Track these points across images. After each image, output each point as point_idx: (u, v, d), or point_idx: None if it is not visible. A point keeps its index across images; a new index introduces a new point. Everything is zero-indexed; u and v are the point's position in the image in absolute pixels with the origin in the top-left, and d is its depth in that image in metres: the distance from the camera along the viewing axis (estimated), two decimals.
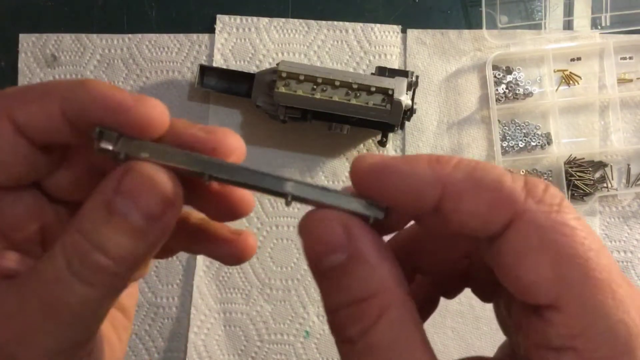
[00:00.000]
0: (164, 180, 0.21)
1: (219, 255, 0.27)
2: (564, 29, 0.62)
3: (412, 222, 0.24)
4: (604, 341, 0.18)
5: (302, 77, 0.53)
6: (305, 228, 0.22)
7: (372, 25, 0.62)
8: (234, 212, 0.25)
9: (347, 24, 0.62)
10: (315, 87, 0.54)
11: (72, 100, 0.22)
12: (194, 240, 0.27)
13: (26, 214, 0.24)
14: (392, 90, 0.53)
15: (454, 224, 0.20)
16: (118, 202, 0.21)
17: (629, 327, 0.18)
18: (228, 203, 0.25)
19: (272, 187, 0.22)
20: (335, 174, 0.61)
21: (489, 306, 0.27)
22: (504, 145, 0.61)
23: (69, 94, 0.22)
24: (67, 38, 0.62)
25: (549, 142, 0.61)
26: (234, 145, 0.23)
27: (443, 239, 0.26)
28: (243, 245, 0.26)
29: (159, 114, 0.24)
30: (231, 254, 0.26)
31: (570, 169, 0.60)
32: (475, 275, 0.27)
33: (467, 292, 0.28)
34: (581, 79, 0.61)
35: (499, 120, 0.61)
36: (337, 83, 0.53)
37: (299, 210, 0.60)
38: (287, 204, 0.22)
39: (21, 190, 0.24)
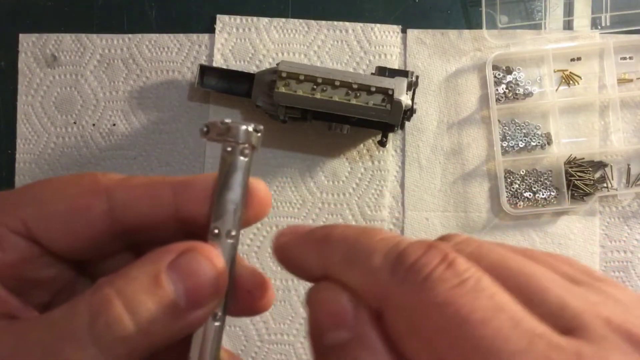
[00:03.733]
0: (221, 270, 0.21)
1: (235, 309, 0.25)
2: (564, 29, 0.62)
3: None
4: None
5: (302, 77, 0.53)
6: (313, 299, 0.21)
7: (372, 25, 0.62)
8: (257, 309, 0.25)
9: (347, 24, 0.62)
10: (315, 87, 0.54)
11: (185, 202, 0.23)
12: None
13: (54, 276, 0.24)
14: (392, 90, 0.53)
15: None
16: (169, 276, 0.20)
17: None
18: (254, 300, 0.25)
19: None
20: (335, 174, 0.61)
21: None
22: (504, 145, 0.61)
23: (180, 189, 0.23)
24: (67, 38, 0.62)
25: (549, 142, 0.61)
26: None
27: None
28: (262, 297, 0.25)
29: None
30: (247, 305, 0.25)
31: (570, 169, 0.60)
32: None
33: None
34: (581, 79, 0.61)
35: (499, 120, 0.61)
36: (337, 83, 0.53)
37: (299, 209, 0.60)
38: None
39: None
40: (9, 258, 0.22)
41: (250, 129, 0.23)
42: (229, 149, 0.22)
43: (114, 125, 0.62)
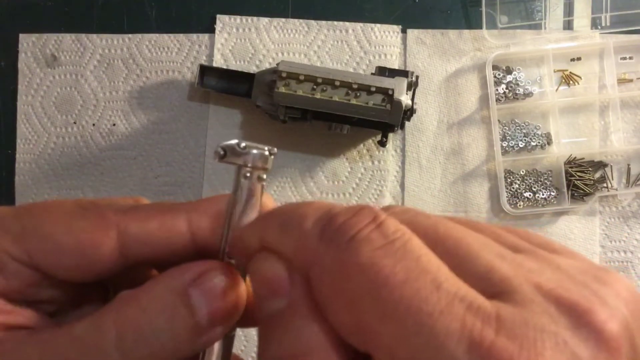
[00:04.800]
0: (241, 291, 0.22)
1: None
2: (564, 29, 0.62)
3: None
4: None
5: (302, 77, 0.53)
6: (251, 269, 0.21)
7: (372, 25, 0.62)
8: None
9: (347, 24, 0.62)
10: (315, 87, 0.54)
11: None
12: None
13: (59, 295, 0.24)
14: (392, 90, 0.53)
15: None
16: (193, 295, 0.20)
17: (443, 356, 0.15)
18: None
19: None
20: (335, 174, 0.61)
21: None
22: (504, 145, 0.61)
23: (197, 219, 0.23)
24: (67, 38, 0.62)
25: (549, 142, 0.61)
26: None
27: None
28: None
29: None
30: (251, 318, 0.24)
31: (570, 169, 0.60)
32: None
33: None
34: (581, 79, 0.61)
35: (499, 120, 0.61)
36: (337, 83, 0.53)
37: None
38: None
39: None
40: (12, 284, 0.22)
41: (267, 153, 0.23)
42: (248, 174, 0.22)
43: (114, 125, 0.62)
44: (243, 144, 0.22)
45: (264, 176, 0.23)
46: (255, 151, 0.22)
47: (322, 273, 0.18)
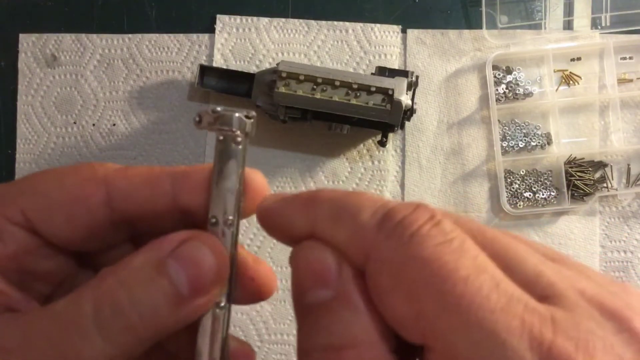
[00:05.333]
0: (222, 257, 0.22)
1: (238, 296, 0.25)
2: (564, 29, 0.62)
3: None
4: None
5: (302, 77, 0.53)
6: (297, 257, 0.21)
7: (372, 25, 0.62)
8: (261, 295, 0.25)
9: (347, 24, 0.62)
10: (315, 87, 0.54)
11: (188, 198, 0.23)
12: None
13: (55, 268, 0.24)
14: (392, 90, 0.53)
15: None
16: (170, 265, 0.20)
17: (506, 354, 0.16)
18: (257, 287, 0.25)
19: None
20: (335, 174, 0.61)
21: None
22: (504, 145, 0.61)
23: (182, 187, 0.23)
24: (67, 38, 0.62)
25: (549, 142, 0.61)
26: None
27: None
28: (265, 284, 0.25)
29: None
30: (250, 292, 0.25)
31: (570, 169, 0.60)
32: None
33: None
34: (581, 79, 0.61)
35: (499, 120, 0.61)
36: (337, 83, 0.53)
37: None
38: None
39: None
40: (9, 249, 0.22)
41: (242, 115, 0.23)
42: (222, 137, 0.22)
43: (114, 125, 0.62)
44: (217, 108, 0.22)
45: (241, 139, 0.23)
46: (229, 114, 0.22)
47: (382, 265, 0.18)
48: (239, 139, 0.23)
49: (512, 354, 0.16)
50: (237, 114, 0.23)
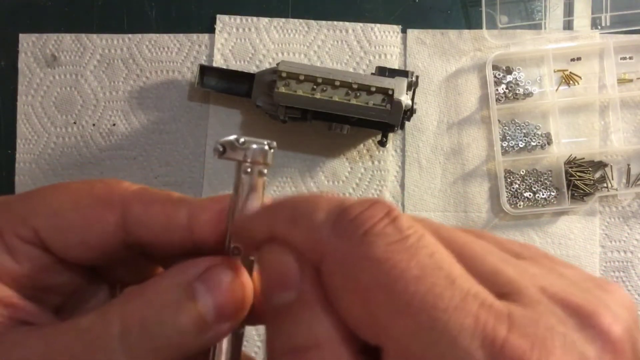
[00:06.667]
0: (248, 286, 0.21)
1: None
2: (564, 29, 0.62)
3: None
4: None
5: (302, 77, 0.53)
6: (260, 261, 0.21)
7: (372, 25, 0.62)
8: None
9: (347, 24, 0.62)
10: (315, 87, 0.54)
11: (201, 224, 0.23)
12: None
13: (67, 282, 0.24)
14: (392, 90, 0.53)
15: None
16: (198, 288, 0.20)
17: (457, 354, 0.15)
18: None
19: None
20: (335, 174, 0.61)
21: None
22: (504, 145, 0.61)
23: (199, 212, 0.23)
24: (67, 38, 0.62)
25: (549, 142, 0.61)
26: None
27: None
28: None
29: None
30: (259, 315, 0.24)
31: (570, 169, 0.60)
32: None
33: None
34: (581, 79, 0.61)
35: (499, 120, 0.61)
36: (337, 83, 0.53)
37: None
38: None
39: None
40: (24, 268, 0.22)
41: (266, 147, 0.23)
42: (248, 170, 0.22)
43: (114, 125, 0.62)
44: (242, 139, 0.22)
45: (265, 171, 0.23)
46: (254, 146, 0.22)
47: (335, 265, 0.18)
48: (264, 171, 0.23)
49: (463, 354, 0.15)
50: (262, 146, 0.22)
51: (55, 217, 0.22)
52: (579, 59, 0.62)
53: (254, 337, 0.60)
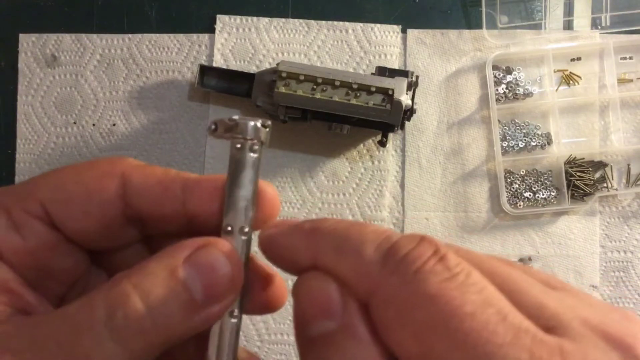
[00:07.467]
0: (237, 265, 0.22)
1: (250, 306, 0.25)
2: (564, 29, 0.62)
3: None
4: None
5: (302, 77, 0.53)
6: (301, 288, 0.21)
7: (372, 25, 0.62)
8: (271, 306, 0.25)
9: (347, 24, 0.62)
10: (315, 87, 0.54)
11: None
12: None
13: (70, 267, 0.24)
14: (392, 90, 0.53)
15: None
16: (186, 271, 0.20)
17: None
18: (268, 297, 0.25)
19: None
20: (335, 174, 0.61)
21: None
22: (504, 145, 0.61)
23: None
24: (67, 38, 0.62)
25: (549, 142, 0.61)
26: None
27: None
28: (276, 295, 0.25)
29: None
30: (261, 302, 0.25)
31: (570, 169, 0.60)
32: None
33: None
34: (581, 79, 0.61)
35: (499, 120, 0.61)
36: (337, 83, 0.53)
37: (299, 209, 0.60)
38: None
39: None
40: (29, 244, 0.22)
41: (259, 124, 0.23)
42: (238, 145, 0.22)
43: (114, 125, 0.62)
44: (234, 117, 0.22)
45: (257, 147, 0.23)
46: (246, 122, 0.22)
47: (387, 302, 0.18)
48: (256, 147, 0.23)
49: None
50: (253, 122, 0.23)
51: (59, 190, 0.23)
52: (579, 59, 0.62)
53: (254, 337, 0.60)
